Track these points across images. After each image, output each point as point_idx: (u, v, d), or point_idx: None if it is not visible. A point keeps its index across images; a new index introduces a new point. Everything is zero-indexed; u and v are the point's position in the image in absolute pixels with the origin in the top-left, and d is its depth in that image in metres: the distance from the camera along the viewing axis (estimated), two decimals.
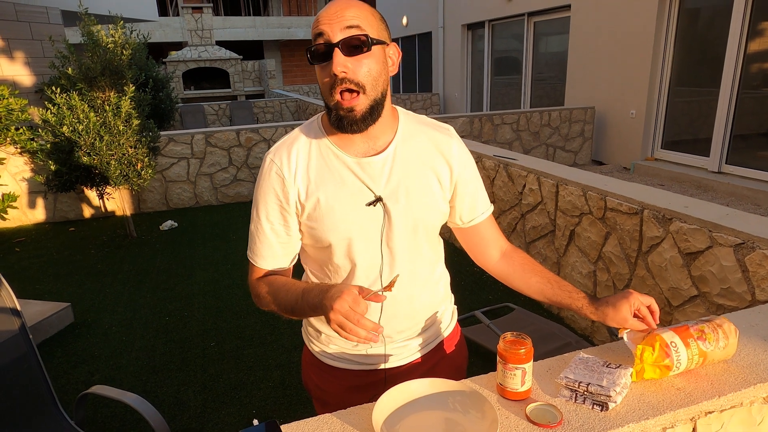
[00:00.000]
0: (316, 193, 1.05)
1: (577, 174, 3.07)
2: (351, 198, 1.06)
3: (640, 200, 2.47)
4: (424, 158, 1.12)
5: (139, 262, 4.43)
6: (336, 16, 0.96)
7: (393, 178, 1.08)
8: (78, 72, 4.32)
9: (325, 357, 1.21)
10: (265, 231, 1.10)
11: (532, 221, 3.36)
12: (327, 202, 1.05)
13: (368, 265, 1.10)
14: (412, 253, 1.13)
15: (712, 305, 2.15)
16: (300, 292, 1.02)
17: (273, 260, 1.13)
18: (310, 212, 1.06)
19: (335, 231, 1.07)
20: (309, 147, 1.08)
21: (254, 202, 1.12)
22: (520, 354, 1.03)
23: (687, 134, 6.57)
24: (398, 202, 1.08)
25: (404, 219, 1.09)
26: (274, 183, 1.07)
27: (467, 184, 1.18)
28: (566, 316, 3.18)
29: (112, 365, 2.90)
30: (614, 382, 1.06)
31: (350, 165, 1.07)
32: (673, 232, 2.30)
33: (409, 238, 1.11)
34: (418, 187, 1.10)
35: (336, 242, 1.07)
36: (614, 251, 2.69)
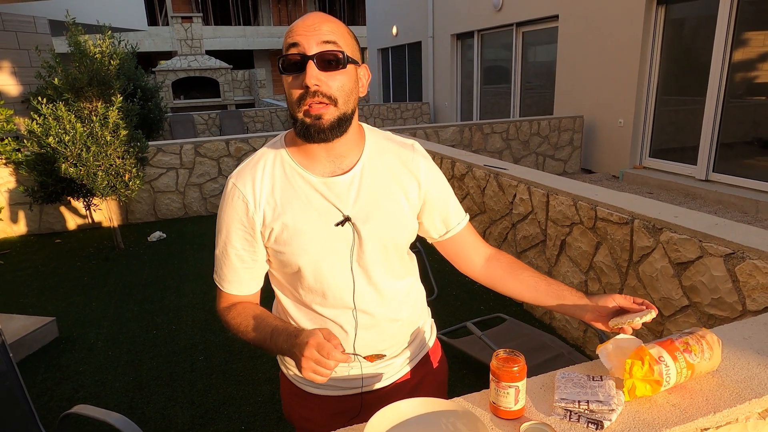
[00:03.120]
0: (282, 216, 1.03)
1: (568, 184, 3.08)
2: (318, 219, 1.04)
3: (631, 210, 2.48)
4: (392, 175, 1.10)
5: (127, 275, 4.36)
6: (313, 29, 0.94)
7: (361, 197, 1.06)
8: (65, 82, 4.27)
9: (304, 384, 1.18)
10: (230, 256, 1.08)
11: (523, 231, 3.36)
12: (294, 225, 1.03)
13: (340, 286, 1.08)
14: (385, 271, 1.11)
15: (704, 315, 2.15)
16: (269, 333, 1.01)
17: (239, 285, 1.12)
18: (276, 236, 1.04)
19: (304, 254, 1.04)
20: (273, 168, 1.05)
21: (218, 227, 1.09)
22: (513, 372, 1.01)
23: (674, 142, 6.64)
24: (368, 221, 1.06)
25: (374, 238, 1.07)
26: (237, 209, 1.04)
27: (437, 200, 1.17)
28: (558, 327, 3.17)
29: (97, 381, 2.84)
30: (609, 394, 1.05)
31: (316, 185, 1.04)
32: (664, 242, 2.30)
33: (381, 256, 1.10)
34: (387, 204, 1.09)
35: (305, 265, 1.05)
36: (605, 261, 2.69)
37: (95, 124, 4.31)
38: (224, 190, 1.07)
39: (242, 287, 1.12)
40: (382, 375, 1.17)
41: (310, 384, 1.17)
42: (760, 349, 1.20)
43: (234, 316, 1.09)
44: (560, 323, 3.14)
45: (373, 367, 1.17)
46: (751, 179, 5.67)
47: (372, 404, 1.15)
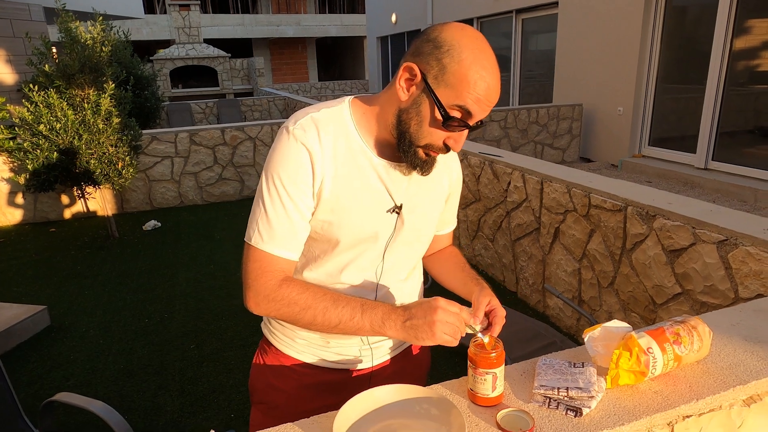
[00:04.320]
0: (339, 185, 0.98)
1: (562, 171, 3.04)
2: (372, 200, 1.02)
3: (624, 197, 2.44)
4: (436, 172, 1.11)
5: (121, 263, 4.34)
6: (492, 101, 0.93)
7: (411, 186, 1.06)
8: (56, 69, 4.22)
9: (289, 349, 1.14)
10: (289, 211, 0.96)
11: (517, 219, 3.33)
12: (348, 198, 0.99)
13: (369, 271, 1.07)
14: (409, 260, 1.13)
15: (696, 303, 2.13)
16: (358, 308, 0.95)
17: (296, 247, 0.98)
18: (331, 204, 0.98)
19: (350, 230, 1.01)
20: (337, 135, 0.99)
21: (270, 176, 0.96)
22: (491, 358, 0.99)
23: (674, 131, 6.58)
24: (411, 213, 1.07)
25: (411, 230, 1.08)
26: (301, 159, 0.94)
27: (452, 202, 1.22)
28: (552, 315, 3.15)
29: (87, 369, 2.83)
30: (589, 381, 1.02)
31: (377, 167, 1.02)
32: (657, 229, 2.27)
33: (408, 248, 1.11)
34: (428, 200, 1.10)
35: (346, 242, 1.02)
36: (598, 249, 2.66)
37: (87, 112, 4.27)
38: (279, 138, 0.98)
39: (297, 250, 0.99)
40: (363, 359, 1.15)
41: (296, 351, 1.13)
42: (748, 336, 1.17)
43: (299, 292, 0.95)
44: (554, 312, 3.12)
45: (368, 346, 1.14)
46: (750, 167, 5.62)
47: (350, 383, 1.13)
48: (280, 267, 0.98)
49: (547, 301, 3.18)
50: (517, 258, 3.41)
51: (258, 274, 0.97)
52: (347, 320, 0.95)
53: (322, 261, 1.06)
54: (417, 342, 0.93)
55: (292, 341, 1.14)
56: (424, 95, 0.92)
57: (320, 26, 22.82)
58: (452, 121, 0.92)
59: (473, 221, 3.87)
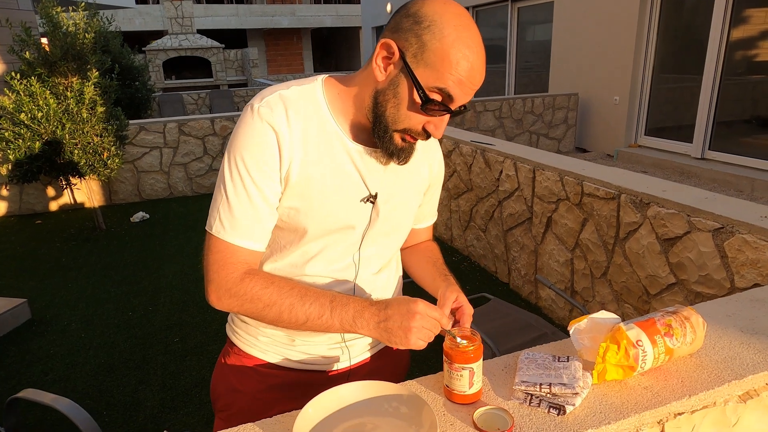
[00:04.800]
0: (309, 170, 0.89)
1: (554, 159, 2.96)
2: (346, 189, 0.93)
3: (618, 185, 2.37)
4: (415, 161, 1.02)
5: (106, 256, 4.25)
6: (475, 83, 0.84)
7: (387, 176, 0.98)
8: (37, 57, 4.11)
9: (252, 348, 1.06)
10: (252, 198, 0.87)
11: (509, 208, 3.25)
12: (320, 186, 0.91)
13: (342, 265, 1.00)
14: (382, 255, 1.05)
15: (690, 293, 2.06)
16: (327, 304, 0.88)
17: (261, 237, 0.90)
18: (299, 190, 0.89)
19: (320, 219, 0.93)
20: (308, 115, 0.90)
21: (233, 159, 0.87)
22: (467, 352, 0.91)
23: (670, 121, 6.51)
24: (387, 203, 0.99)
25: (387, 222, 1.00)
26: (268, 138, 0.86)
27: (432, 193, 1.14)
28: (544, 306, 3.08)
29: (67, 364, 2.75)
30: (574, 376, 0.95)
31: (351, 152, 0.94)
32: (651, 217, 2.20)
33: (385, 239, 1.03)
34: (408, 188, 1.03)
35: (315, 231, 0.94)
36: (591, 238, 2.59)
37: (70, 101, 4.16)
38: (243, 116, 0.88)
39: (262, 240, 0.91)
40: (338, 357, 1.07)
41: (262, 351, 1.05)
42: (744, 327, 1.10)
43: (263, 287, 0.87)
44: (546, 303, 3.05)
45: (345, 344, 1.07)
46: (747, 157, 5.56)
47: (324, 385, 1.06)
48: (244, 259, 0.90)
49: (540, 292, 3.11)
50: (509, 248, 3.34)
51: (219, 266, 0.89)
52: (315, 318, 0.88)
53: (288, 251, 0.97)
54: (389, 344, 0.88)
55: (255, 339, 1.06)
56: (402, 75, 0.84)
57: (315, 17, 22.59)
58: (432, 105, 0.84)
59: (465, 211, 3.80)
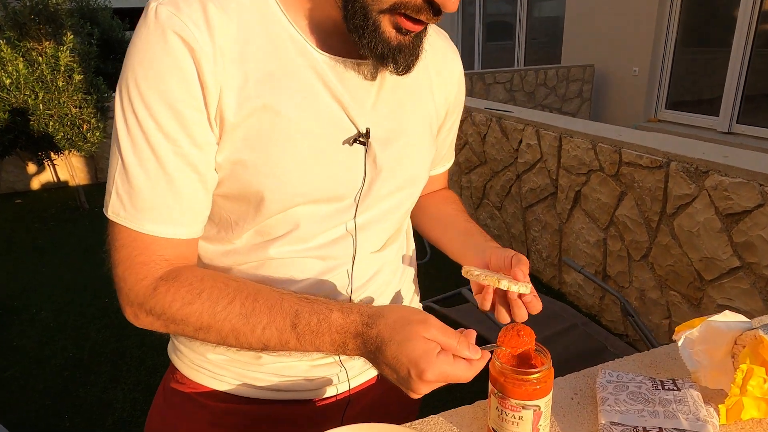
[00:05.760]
0: (253, 102, 0.56)
1: (584, 125, 2.60)
2: (318, 126, 0.58)
3: (666, 150, 2.01)
4: (423, 78, 0.68)
5: (87, 237, 3.93)
6: None
7: (382, 102, 0.62)
8: (4, 16, 3.73)
9: (199, 373, 0.72)
10: (162, 158, 0.55)
11: (530, 182, 2.89)
12: (276, 125, 0.57)
13: (334, 247, 0.65)
14: (389, 226, 0.70)
15: (760, 279, 1.71)
16: (289, 328, 0.55)
17: (186, 219, 0.58)
18: (242, 134, 0.56)
19: (283, 180, 0.58)
20: (245, 15, 0.56)
21: (125, 97, 0.54)
22: (531, 382, 0.57)
23: (694, 93, 6.11)
24: (388, 144, 0.63)
25: (392, 173, 0.65)
26: (176, 57, 0.53)
27: (451, 128, 0.81)
28: (569, 293, 2.74)
29: (32, 358, 2.44)
30: (696, 416, 0.61)
31: (321, 67, 0.58)
32: (710, 188, 1.84)
33: (391, 203, 0.67)
34: (414, 122, 0.66)
35: (276, 198, 0.59)
36: (630, 215, 2.24)
37: (43, 67, 3.79)
38: (138, 26, 0.55)
39: (190, 221, 0.58)
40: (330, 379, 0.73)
41: (224, 375, 0.71)
42: None
43: (185, 302, 0.56)
44: (572, 289, 2.71)
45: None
46: None
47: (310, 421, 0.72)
48: (161, 254, 0.58)
49: (564, 277, 2.77)
50: (529, 228, 2.99)
51: (125, 267, 0.58)
52: (277, 346, 0.56)
53: (241, 230, 0.63)
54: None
55: (203, 359, 0.71)
56: None
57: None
58: None
59: (478, 187, 3.44)
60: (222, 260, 0.66)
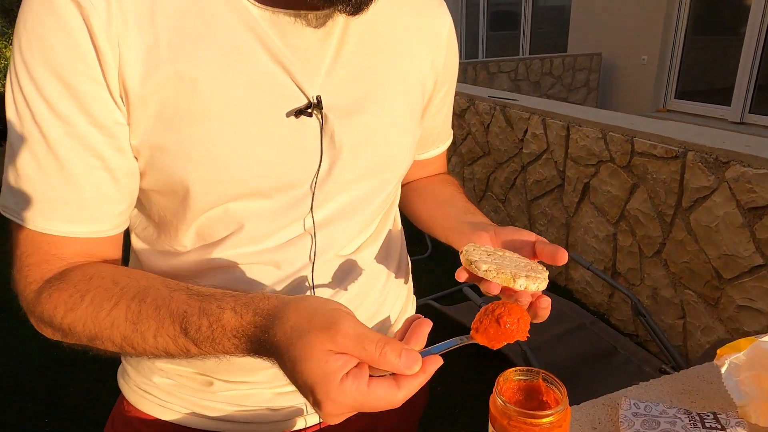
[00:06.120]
0: (167, 69, 0.46)
1: (594, 113, 2.47)
2: (255, 92, 0.49)
3: (682, 139, 1.87)
4: (400, 37, 0.56)
5: None
6: None
7: (342, 67, 0.52)
8: None
9: (145, 400, 0.62)
10: (51, 142, 0.46)
11: (536, 174, 2.76)
12: (196, 92, 0.47)
13: (289, 249, 0.54)
14: (358, 220, 0.57)
15: None
16: (179, 333, 0.44)
17: (87, 214, 0.49)
18: (155, 111, 0.47)
19: (213, 169, 0.49)
20: None
21: (14, 71, 0.46)
22: (541, 428, 0.46)
23: (705, 83, 5.96)
24: (352, 118, 0.53)
25: (357, 155, 0.55)
26: (63, 18, 0.43)
27: (446, 98, 0.68)
28: (575, 290, 2.62)
29: (16, 357, 2.36)
30: None
31: (256, 25, 0.48)
32: (731, 179, 1.71)
33: (359, 190, 0.56)
34: (388, 92, 0.56)
35: (203, 190, 0.48)
36: (642, 208, 2.11)
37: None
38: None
39: (92, 216, 0.49)
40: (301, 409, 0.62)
41: (171, 403, 0.60)
42: None
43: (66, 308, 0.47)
44: (579, 286, 2.59)
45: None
46: None
47: None
48: (53, 253, 0.50)
49: (571, 273, 2.65)
50: (534, 221, 2.87)
51: (18, 269, 0.51)
52: (180, 353, 0.45)
53: (179, 235, 0.53)
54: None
55: (148, 382, 0.61)
56: None
57: None
58: None
59: (481, 179, 3.32)
60: (168, 270, 0.55)
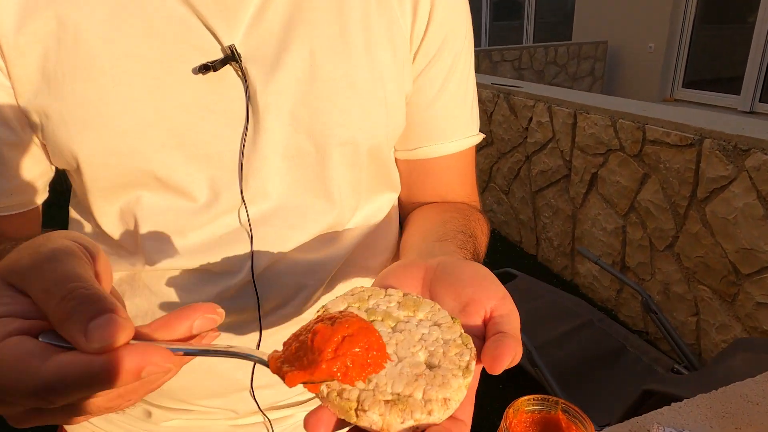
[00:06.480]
0: (45, 10, 0.39)
1: (602, 99, 2.35)
2: (154, 41, 0.40)
3: (698, 126, 1.76)
4: None
5: None
6: None
7: (274, 10, 0.42)
8: None
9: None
10: None
11: (540, 164, 2.65)
12: (80, 43, 0.39)
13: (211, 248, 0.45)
14: (323, 216, 0.48)
15: None
16: None
17: None
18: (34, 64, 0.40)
19: (97, 131, 0.41)
20: None
21: None
22: None
23: (714, 71, 5.81)
24: (282, 74, 0.42)
25: (296, 122, 0.44)
26: None
27: (453, 67, 0.50)
28: (582, 285, 2.52)
29: None
30: None
31: None
32: (752, 168, 1.59)
33: (316, 173, 0.46)
34: (337, 41, 0.45)
35: (92, 163, 0.42)
36: (654, 199, 2.00)
37: None
38: None
39: None
40: None
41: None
42: None
43: None
44: (585, 280, 2.49)
45: (281, 401, 0.52)
46: None
47: None
48: None
49: (577, 267, 2.54)
50: (539, 213, 2.75)
51: None
52: None
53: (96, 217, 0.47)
54: None
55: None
56: None
57: None
58: None
59: (483, 170, 3.20)
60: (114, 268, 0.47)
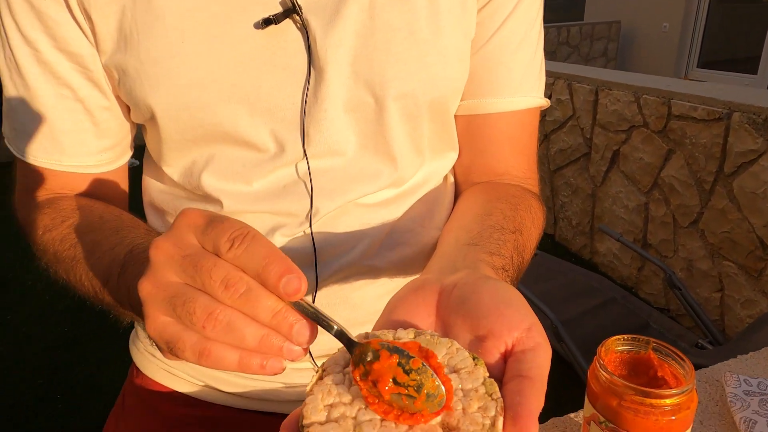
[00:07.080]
0: None
1: (625, 75, 2.32)
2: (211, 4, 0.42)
3: (727, 100, 1.73)
4: None
5: None
6: None
7: None
8: None
9: (162, 372, 0.56)
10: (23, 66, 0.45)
11: (559, 143, 2.63)
12: (151, 2, 0.41)
13: (275, 195, 0.47)
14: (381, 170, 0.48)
15: None
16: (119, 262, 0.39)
17: (57, 143, 0.47)
18: (114, 24, 0.42)
19: (168, 83, 0.43)
20: None
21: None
22: (663, 410, 0.34)
23: (729, 51, 5.72)
24: (343, 25, 0.42)
25: (356, 74, 0.44)
26: None
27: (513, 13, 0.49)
28: (602, 263, 2.51)
29: (22, 335, 2.29)
30: None
31: None
32: None
33: (375, 126, 0.46)
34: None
35: (166, 114, 0.44)
36: (678, 175, 1.98)
37: None
38: None
39: (76, 150, 0.48)
40: None
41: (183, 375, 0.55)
42: None
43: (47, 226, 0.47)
44: (605, 259, 2.48)
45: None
46: None
47: None
48: (39, 181, 0.50)
49: (596, 246, 2.53)
50: (557, 192, 2.74)
51: (17, 188, 0.54)
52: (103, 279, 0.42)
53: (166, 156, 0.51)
54: None
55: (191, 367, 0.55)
56: None
57: None
58: None
59: None
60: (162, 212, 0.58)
